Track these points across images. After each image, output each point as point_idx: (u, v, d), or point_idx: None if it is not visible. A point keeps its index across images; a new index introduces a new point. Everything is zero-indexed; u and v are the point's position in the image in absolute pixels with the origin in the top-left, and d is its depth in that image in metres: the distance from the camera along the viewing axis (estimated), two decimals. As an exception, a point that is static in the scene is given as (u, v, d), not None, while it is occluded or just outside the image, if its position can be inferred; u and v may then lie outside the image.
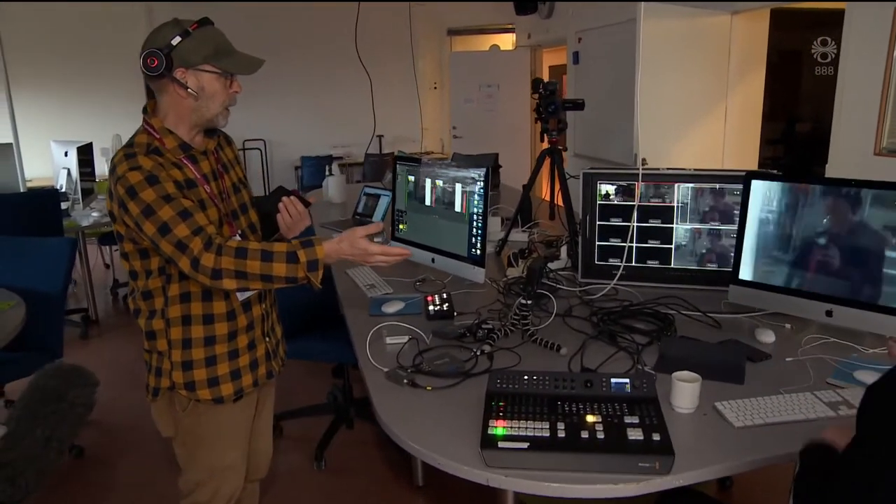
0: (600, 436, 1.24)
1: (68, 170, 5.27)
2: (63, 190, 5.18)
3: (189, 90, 1.52)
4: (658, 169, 2.36)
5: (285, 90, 8.27)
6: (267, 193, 8.54)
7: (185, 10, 1.59)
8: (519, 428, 1.27)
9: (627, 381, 1.40)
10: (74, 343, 4.45)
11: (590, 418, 1.30)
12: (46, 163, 5.67)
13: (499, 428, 1.27)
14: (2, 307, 2.57)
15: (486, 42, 8.73)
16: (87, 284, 4.83)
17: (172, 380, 1.63)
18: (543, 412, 1.32)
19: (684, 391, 1.41)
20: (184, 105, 1.56)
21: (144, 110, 1.60)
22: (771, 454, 1.28)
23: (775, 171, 2.06)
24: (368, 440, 3.09)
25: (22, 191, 5.11)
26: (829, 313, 1.81)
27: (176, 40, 1.49)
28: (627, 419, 1.29)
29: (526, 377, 1.43)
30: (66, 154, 5.36)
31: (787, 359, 1.71)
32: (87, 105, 7.46)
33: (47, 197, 4.47)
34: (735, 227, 2.15)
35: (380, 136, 8.18)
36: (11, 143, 5.18)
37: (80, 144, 5.14)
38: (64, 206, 4.83)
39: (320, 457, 2.89)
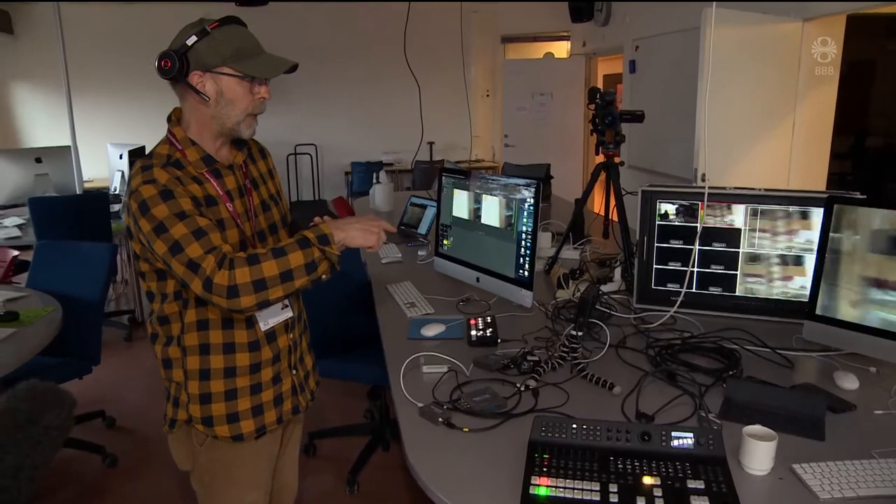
0: (659, 503, 1.08)
1: (122, 172, 5.35)
2: (117, 192, 5.25)
3: (202, 95, 1.40)
4: (724, 188, 2.16)
5: (337, 94, 8.28)
6: (315, 199, 8.52)
7: (242, 12, 1.48)
8: (565, 489, 1.11)
9: (691, 436, 1.23)
10: (118, 345, 4.47)
11: (647, 480, 1.13)
12: (106, 164, 5.78)
13: (542, 487, 1.12)
14: (40, 313, 2.55)
15: (539, 50, 8.56)
16: (134, 286, 4.87)
17: (189, 413, 1.51)
18: (594, 469, 1.16)
19: (758, 451, 1.22)
20: (203, 112, 1.44)
21: (169, 118, 1.50)
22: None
23: (858, 195, 1.86)
24: (404, 464, 2.95)
25: (78, 192, 5.19)
26: (924, 360, 1.59)
27: (191, 40, 1.37)
28: (691, 483, 1.12)
29: (574, 426, 1.27)
30: (120, 157, 5.45)
31: (877, 411, 1.50)
32: (145, 108, 7.60)
33: (97, 199, 4.52)
34: (809, 254, 1.96)
35: (430, 143, 8.09)
36: (69, 146, 5.26)
37: (132, 147, 5.21)
38: (116, 207, 4.88)
39: (353, 481, 2.77)
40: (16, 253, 3.79)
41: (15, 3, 7.26)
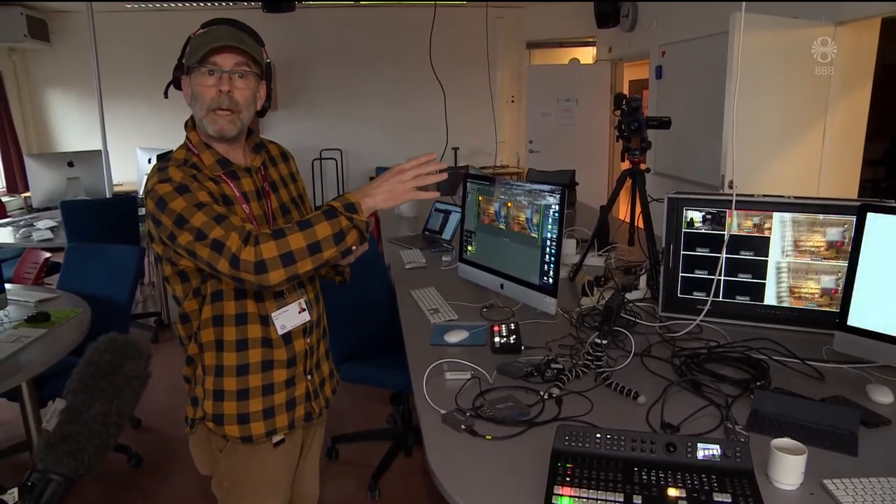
0: (685, 517, 1.06)
1: (150, 176, 5.43)
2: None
3: (187, 99, 1.47)
4: (752, 196, 2.13)
5: (363, 99, 8.33)
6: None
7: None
8: (588, 499, 1.10)
9: (718, 447, 1.20)
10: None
11: (672, 492, 1.11)
12: (135, 168, 5.87)
13: (565, 497, 1.11)
14: (69, 314, 2.60)
15: (565, 55, 8.54)
16: (161, 289, 4.93)
17: (204, 409, 1.53)
18: (617, 480, 1.15)
19: (788, 465, 1.20)
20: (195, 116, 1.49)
21: (186, 124, 1.53)
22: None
23: (893, 202, 1.81)
24: (426, 470, 2.94)
25: (108, 196, 5.28)
26: (961, 373, 1.54)
27: (184, 50, 1.45)
28: (717, 497, 1.10)
29: (598, 435, 1.25)
30: (149, 161, 5.54)
31: (911, 426, 1.46)
32: (175, 113, 7.69)
33: (126, 203, 4.60)
34: (842, 263, 1.92)
35: (455, 149, 8.10)
36: (101, 151, 5.36)
37: (161, 152, 5.29)
38: (144, 211, 4.96)
39: (374, 486, 2.77)
40: (47, 255, 3.87)
41: (51, 13, 7.43)
